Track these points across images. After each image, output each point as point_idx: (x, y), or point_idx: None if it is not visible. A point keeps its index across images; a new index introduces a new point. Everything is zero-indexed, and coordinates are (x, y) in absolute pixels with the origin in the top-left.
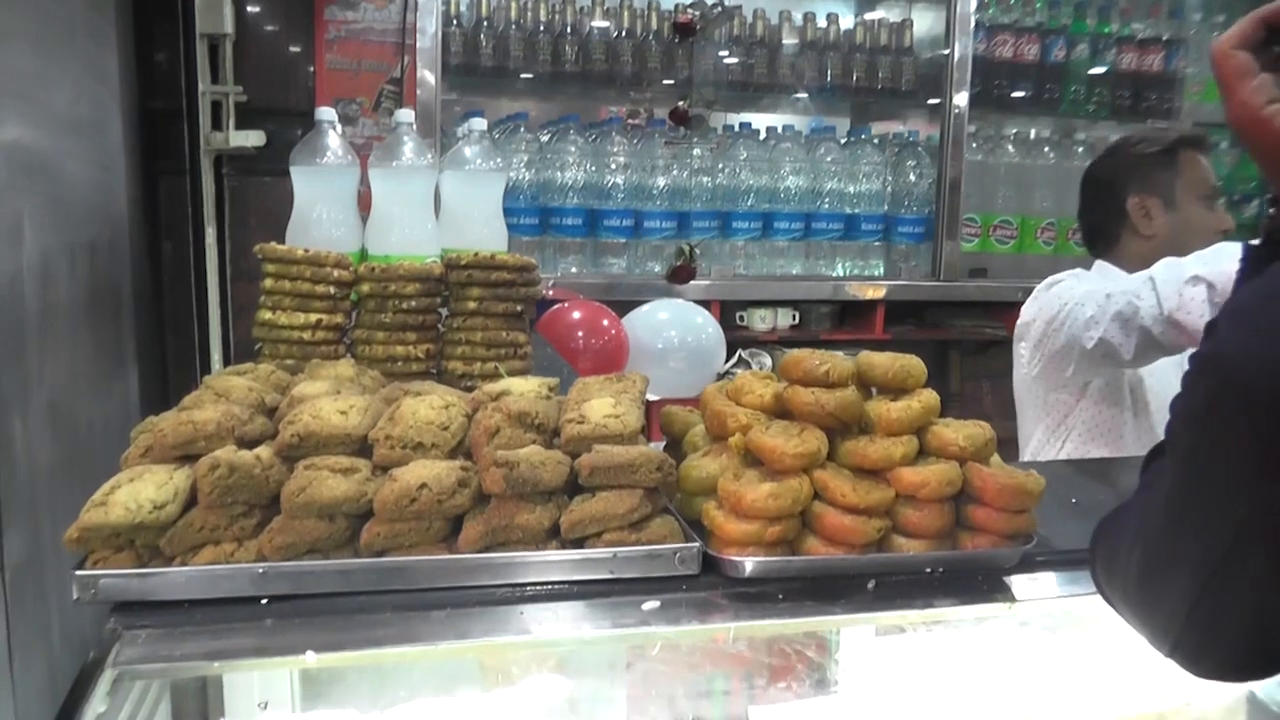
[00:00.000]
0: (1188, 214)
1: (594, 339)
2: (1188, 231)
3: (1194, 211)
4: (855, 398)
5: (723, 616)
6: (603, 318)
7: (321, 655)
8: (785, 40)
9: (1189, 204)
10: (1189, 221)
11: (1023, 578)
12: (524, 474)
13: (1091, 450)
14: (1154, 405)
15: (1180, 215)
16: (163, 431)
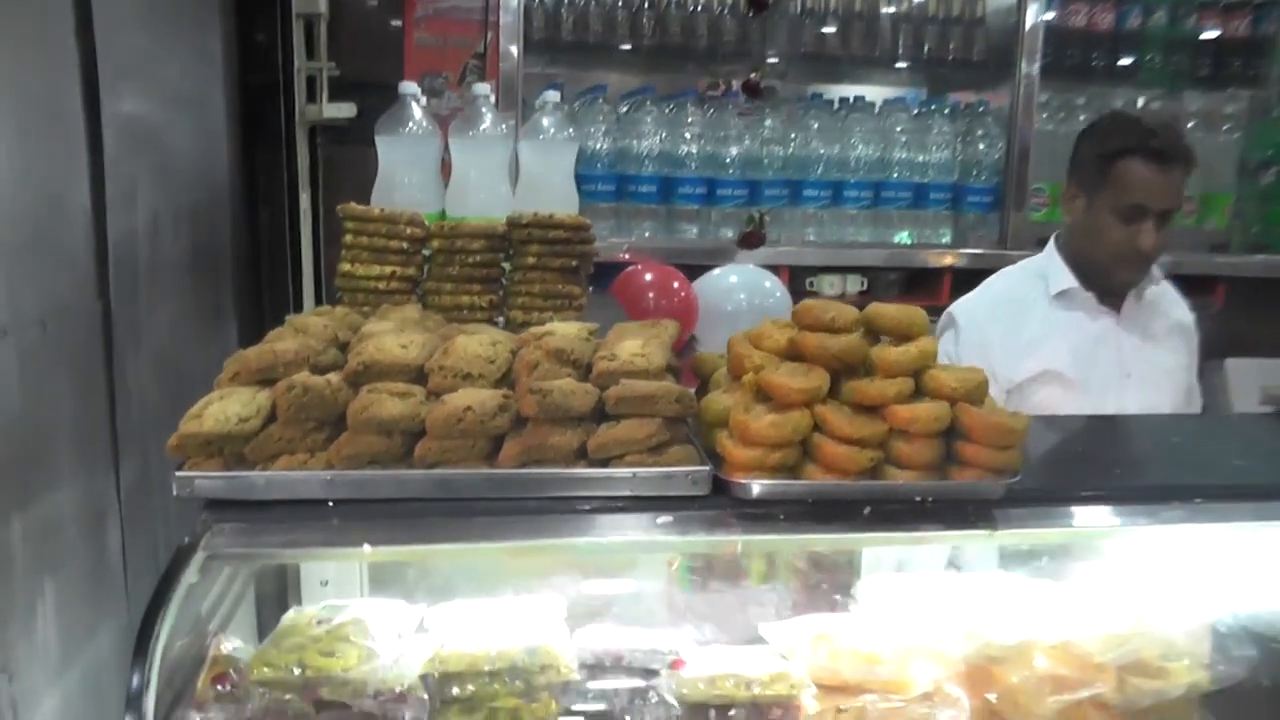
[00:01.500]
0: (1099, 220)
1: (664, 300)
2: (1094, 236)
3: (1105, 220)
4: (858, 342)
5: (728, 531)
6: (673, 280)
7: (377, 549)
8: (858, 11)
9: (1103, 211)
10: (1098, 228)
11: (1006, 510)
12: (556, 400)
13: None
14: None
15: (1093, 219)
16: (249, 358)
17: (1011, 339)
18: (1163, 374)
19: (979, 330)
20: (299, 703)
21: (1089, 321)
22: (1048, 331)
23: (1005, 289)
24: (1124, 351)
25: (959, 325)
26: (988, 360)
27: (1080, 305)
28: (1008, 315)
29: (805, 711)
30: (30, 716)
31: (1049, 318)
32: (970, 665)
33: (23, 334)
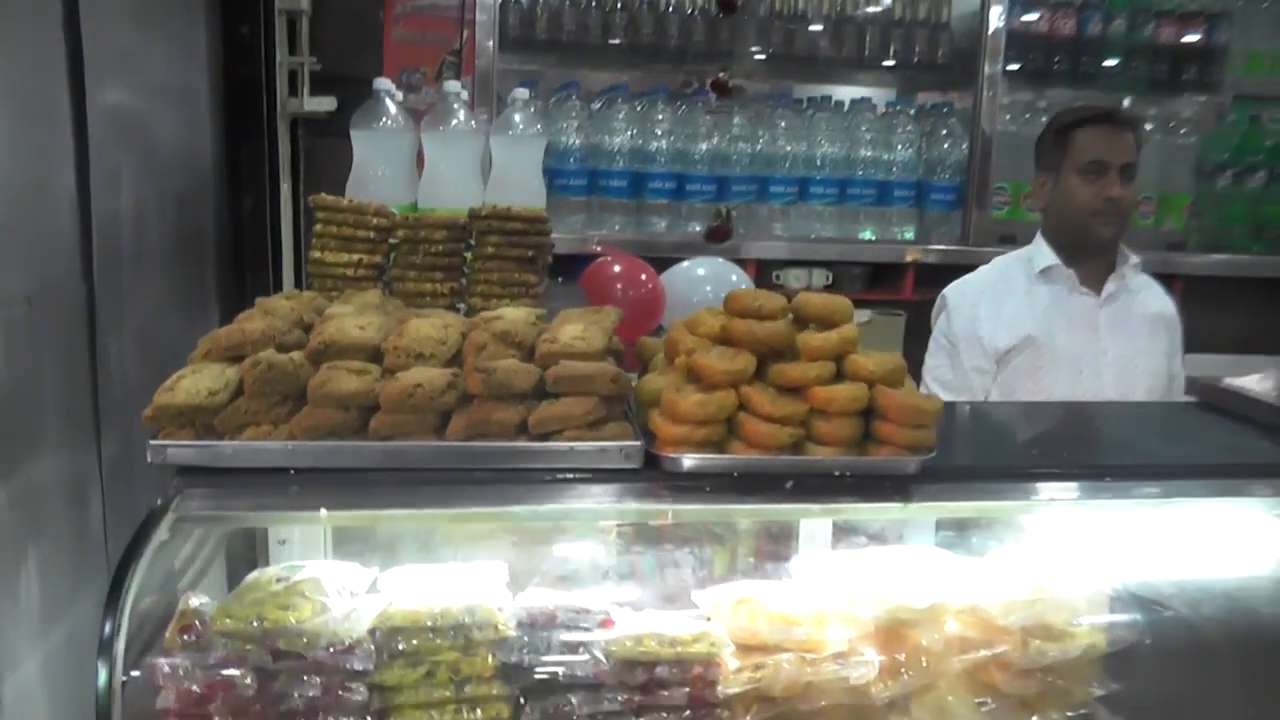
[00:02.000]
0: (1067, 187)
1: (632, 291)
2: (1067, 203)
3: (1072, 184)
4: (785, 328)
5: (658, 502)
6: (641, 272)
7: (333, 513)
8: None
9: (1069, 177)
10: (1068, 194)
11: (920, 485)
12: (500, 379)
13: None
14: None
15: (1062, 190)
16: (219, 336)
17: (997, 312)
18: (1141, 356)
19: (970, 307)
20: (258, 652)
21: (1068, 295)
22: (1030, 303)
23: (994, 272)
24: (1101, 330)
25: (950, 306)
26: (977, 333)
27: (1061, 281)
28: (995, 292)
29: (725, 669)
30: (11, 675)
31: (1031, 292)
32: (882, 627)
33: (9, 310)
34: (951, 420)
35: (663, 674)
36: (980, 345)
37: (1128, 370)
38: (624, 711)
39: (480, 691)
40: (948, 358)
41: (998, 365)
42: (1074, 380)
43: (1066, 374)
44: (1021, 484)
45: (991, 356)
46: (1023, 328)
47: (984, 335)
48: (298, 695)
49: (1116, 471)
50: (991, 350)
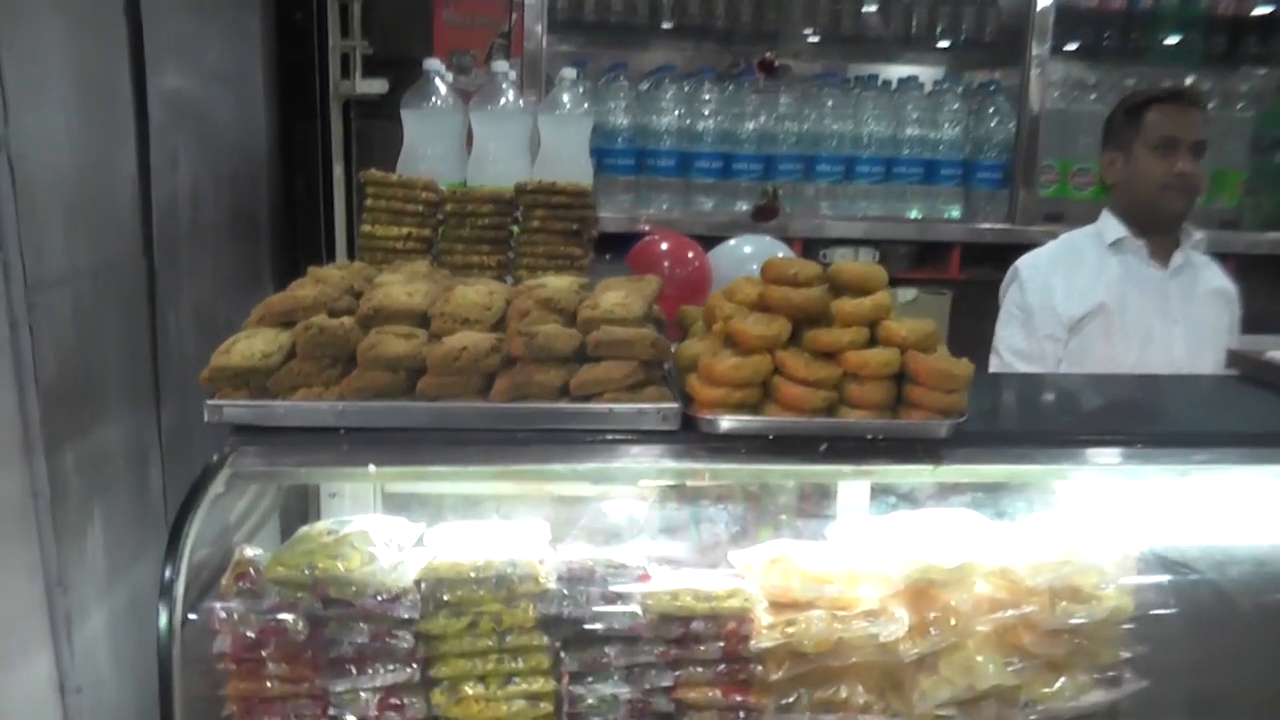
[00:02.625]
0: (1140, 164)
1: (679, 269)
2: (1140, 180)
3: (1145, 161)
4: (819, 295)
5: (694, 462)
6: (688, 250)
7: (381, 469)
8: None
9: (1141, 155)
10: (1141, 172)
11: (951, 449)
12: (541, 342)
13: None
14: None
15: (1135, 167)
16: (272, 302)
17: (1070, 281)
18: (1207, 328)
19: (1042, 277)
20: (309, 599)
21: (1139, 266)
22: (1101, 273)
23: (1065, 244)
24: (1170, 301)
25: (1022, 277)
26: (1051, 301)
27: (1132, 253)
28: (1067, 262)
29: (758, 624)
30: (81, 628)
31: (1103, 262)
32: (913, 587)
33: (77, 284)
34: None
35: (698, 628)
36: (1055, 313)
37: (1196, 342)
38: (660, 663)
39: (521, 642)
40: (1021, 327)
41: (1069, 333)
42: (1144, 350)
43: (1137, 343)
44: (1051, 449)
45: (1065, 324)
46: (1095, 296)
47: (1058, 304)
48: (347, 642)
49: (1146, 438)
50: (1066, 318)
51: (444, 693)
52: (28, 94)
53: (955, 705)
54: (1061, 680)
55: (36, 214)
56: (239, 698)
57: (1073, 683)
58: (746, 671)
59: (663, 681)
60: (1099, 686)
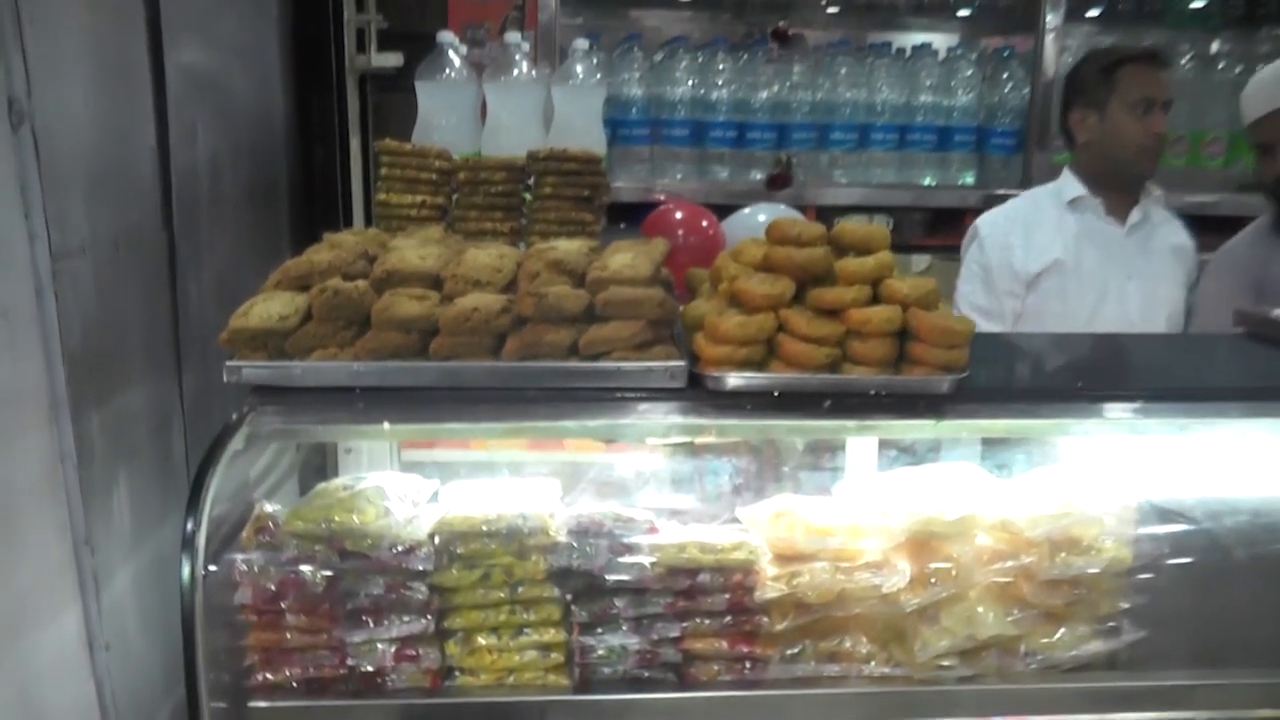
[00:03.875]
0: (1117, 123)
1: (693, 237)
2: (1116, 139)
3: (1122, 120)
4: (822, 254)
5: (700, 418)
6: (702, 219)
7: (395, 426)
8: None
9: (1118, 114)
10: (1117, 130)
11: (953, 404)
12: (551, 302)
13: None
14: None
15: (1110, 125)
16: (289, 267)
17: (1028, 238)
18: (1162, 285)
19: (1002, 235)
20: (326, 552)
21: (1095, 222)
22: (1059, 230)
23: (1026, 201)
24: (1127, 255)
25: (982, 235)
26: (1009, 259)
27: (1089, 210)
28: (1026, 221)
29: (763, 576)
30: (108, 587)
31: (1061, 220)
32: (915, 540)
33: (99, 253)
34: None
35: (704, 580)
36: (1012, 270)
37: (1150, 298)
38: (667, 615)
39: (533, 594)
40: (981, 284)
41: (1027, 290)
42: (1099, 306)
43: (1092, 299)
44: (1053, 404)
45: (1023, 281)
46: (1052, 252)
47: (1015, 261)
48: (363, 594)
49: (1146, 393)
50: (1023, 275)
51: (458, 644)
52: (49, 68)
53: (956, 655)
54: (1061, 631)
55: (59, 184)
56: (260, 648)
57: (1072, 633)
58: (752, 623)
59: (670, 632)
60: (1098, 637)
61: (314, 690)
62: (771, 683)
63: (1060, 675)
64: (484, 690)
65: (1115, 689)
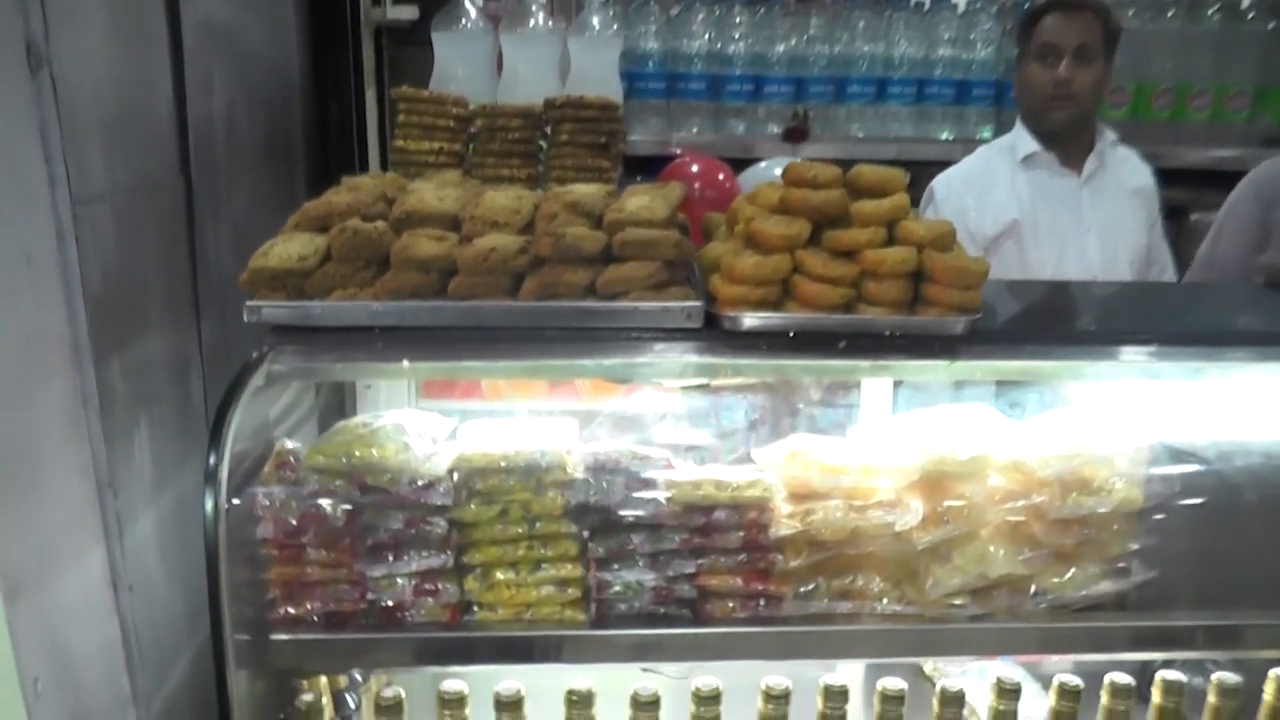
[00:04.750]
0: (1027, 73)
1: (709, 190)
2: (1026, 88)
3: (1030, 70)
4: (838, 196)
5: (716, 357)
6: (718, 172)
7: (414, 364)
8: None
9: (1028, 64)
10: (1027, 80)
11: (968, 345)
12: (568, 243)
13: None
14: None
15: (1023, 76)
16: (308, 208)
17: (983, 201)
18: (1122, 231)
19: (957, 198)
20: (347, 486)
21: (1051, 179)
22: (1014, 191)
23: (979, 162)
24: (1084, 208)
25: (937, 198)
26: (965, 223)
27: (1043, 166)
28: (980, 182)
29: (777, 514)
30: (131, 530)
31: (1015, 179)
32: (928, 479)
33: (118, 199)
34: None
35: (719, 518)
36: (969, 234)
37: (1110, 245)
38: (683, 551)
39: (550, 529)
40: None
41: (985, 252)
42: (1060, 261)
43: (1053, 254)
44: (1067, 346)
45: (980, 244)
46: (1008, 213)
47: (971, 225)
48: (383, 528)
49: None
50: (980, 238)
51: (476, 579)
52: (66, 14)
53: (967, 594)
54: (1071, 571)
55: (78, 130)
56: (281, 582)
57: (1082, 573)
58: (766, 560)
59: (686, 569)
60: (1108, 577)
61: (334, 624)
62: (785, 619)
63: (1070, 615)
64: (502, 625)
65: (1124, 629)
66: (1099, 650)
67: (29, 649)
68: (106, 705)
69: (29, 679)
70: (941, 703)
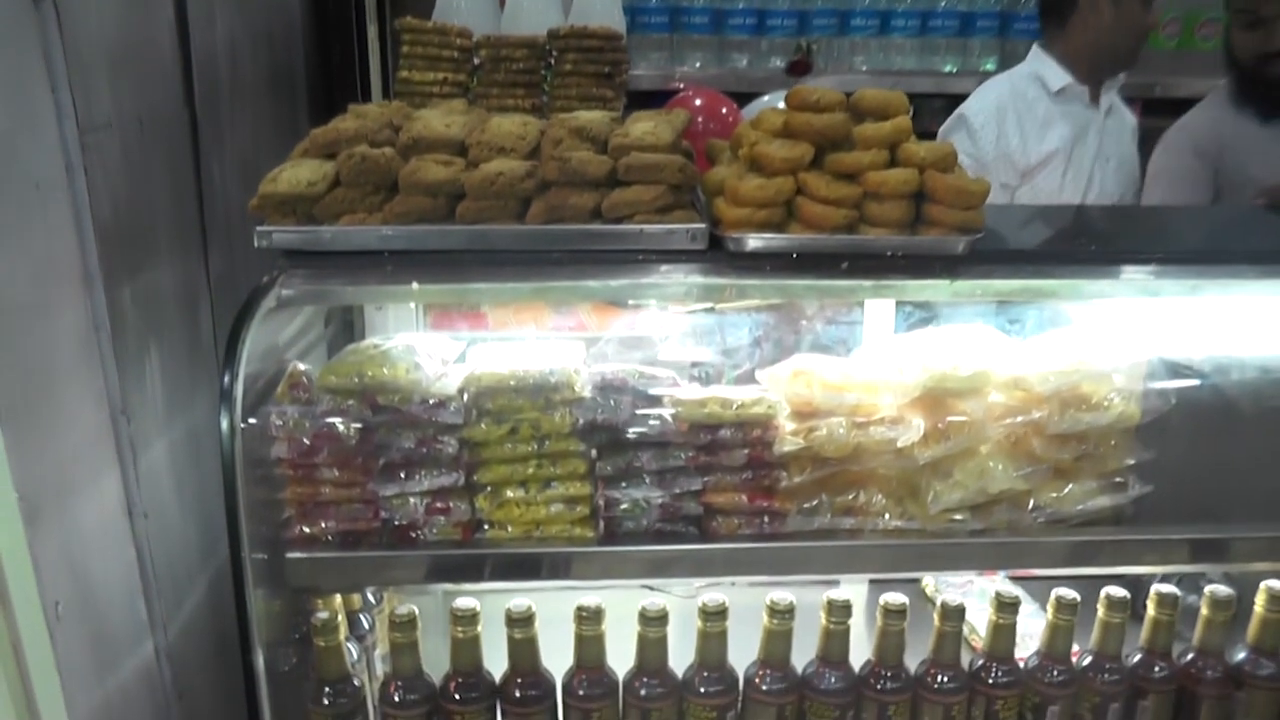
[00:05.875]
0: (1128, 11)
1: (712, 124)
2: (1126, 25)
3: (1132, 8)
4: (840, 119)
5: (720, 278)
6: (721, 106)
7: (423, 286)
8: None
9: (1132, 4)
10: (1129, 17)
11: (968, 265)
12: (574, 166)
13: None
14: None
15: (1122, 12)
16: (316, 134)
17: (1026, 130)
18: (1128, 159)
19: (995, 126)
20: (359, 406)
21: (1082, 111)
22: (1053, 120)
23: (1007, 91)
24: (1104, 139)
25: (973, 125)
26: (1006, 150)
27: (1076, 99)
28: (1016, 110)
29: (781, 431)
30: (145, 457)
31: (1051, 110)
32: (929, 396)
33: (124, 128)
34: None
35: (725, 435)
36: (1010, 162)
37: (1123, 178)
38: (689, 469)
39: (559, 447)
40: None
41: (1022, 180)
42: (1087, 191)
43: (1083, 185)
44: (1068, 265)
45: (1020, 172)
46: (1048, 144)
47: (1013, 153)
48: (395, 447)
49: (1161, 255)
50: (1021, 166)
51: (487, 498)
52: None
53: (967, 509)
54: (1070, 486)
55: (82, 59)
56: (296, 502)
57: (1080, 488)
58: (771, 477)
59: (692, 486)
60: (1105, 492)
61: (349, 543)
62: (789, 535)
63: (1068, 529)
64: (512, 542)
65: (1121, 542)
66: (1097, 564)
67: (50, 573)
68: (125, 631)
69: (50, 602)
70: (942, 616)
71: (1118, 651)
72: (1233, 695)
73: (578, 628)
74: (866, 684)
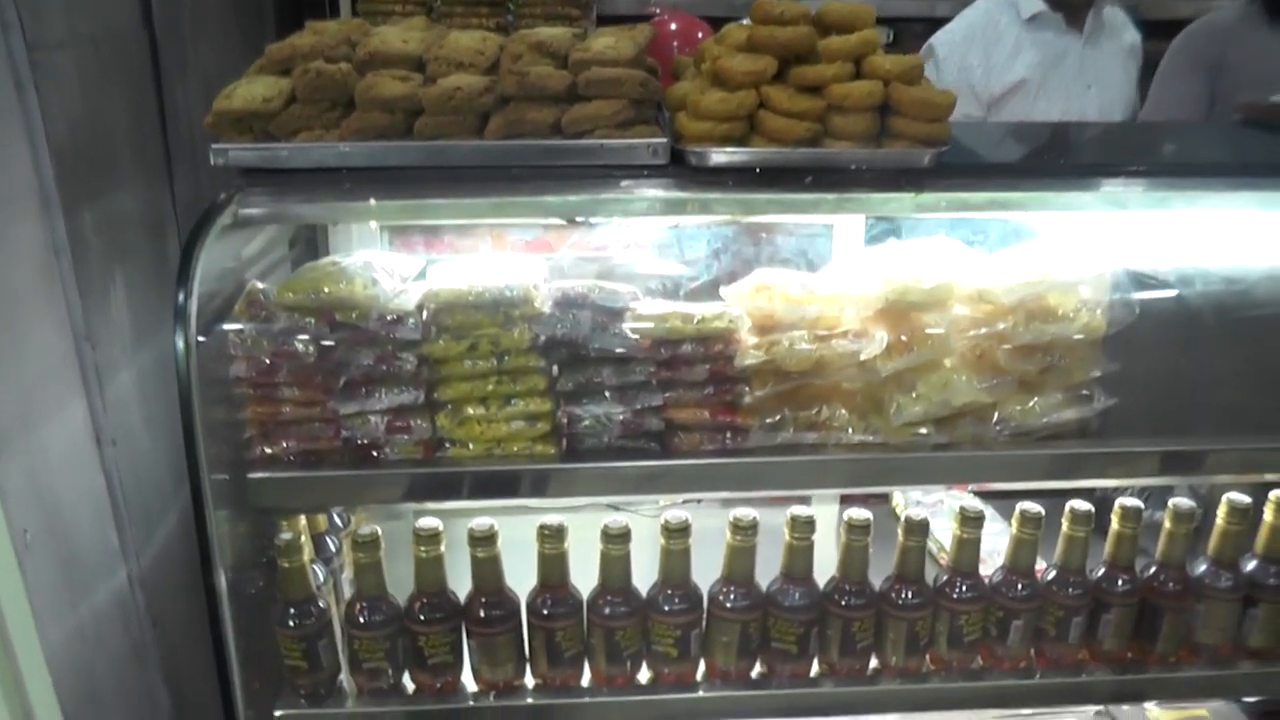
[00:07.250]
0: None
1: (687, 49)
2: None
3: None
4: (805, 32)
5: (682, 192)
6: (698, 30)
7: (381, 202)
8: None
9: None
10: None
11: (933, 178)
12: (533, 80)
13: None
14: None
15: None
16: (271, 50)
17: (989, 58)
18: (1116, 86)
19: (959, 56)
20: (317, 323)
21: (1056, 39)
22: (1020, 49)
23: (979, 18)
24: (1085, 65)
25: (939, 55)
26: (969, 80)
27: (1049, 26)
28: (984, 40)
29: (743, 344)
30: (111, 383)
31: (1020, 38)
32: (892, 308)
33: (79, 49)
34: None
35: (686, 350)
36: (973, 93)
37: (1107, 104)
38: (650, 383)
39: (519, 363)
40: None
41: (988, 110)
42: (1062, 116)
43: (1056, 114)
44: (1034, 178)
45: (984, 103)
46: (1014, 73)
47: (976, 83)
48: (354, 365)
49: (1129, 168)
50: (985, 98)
51: (448, 415)
52: None
53: (931, 423)
54: (1034, 399)
55: None
56: (257, 422)
57: (1045, 401)
58: (733, 393)
59: (653, 402)
60: (1070, 405)
61: (311, 463)
62: (752, 451)
63: (1033, 443)
64: (474, 460)
65: (1086, 455)
66: (1062, 477)
67: (16, 500)
68: (96, 558)
69: (18, 529)
70: (906, 531)
71: (1081, 566)
72: (1193, 608)
73: (540, 546)
74: (830, 600)
